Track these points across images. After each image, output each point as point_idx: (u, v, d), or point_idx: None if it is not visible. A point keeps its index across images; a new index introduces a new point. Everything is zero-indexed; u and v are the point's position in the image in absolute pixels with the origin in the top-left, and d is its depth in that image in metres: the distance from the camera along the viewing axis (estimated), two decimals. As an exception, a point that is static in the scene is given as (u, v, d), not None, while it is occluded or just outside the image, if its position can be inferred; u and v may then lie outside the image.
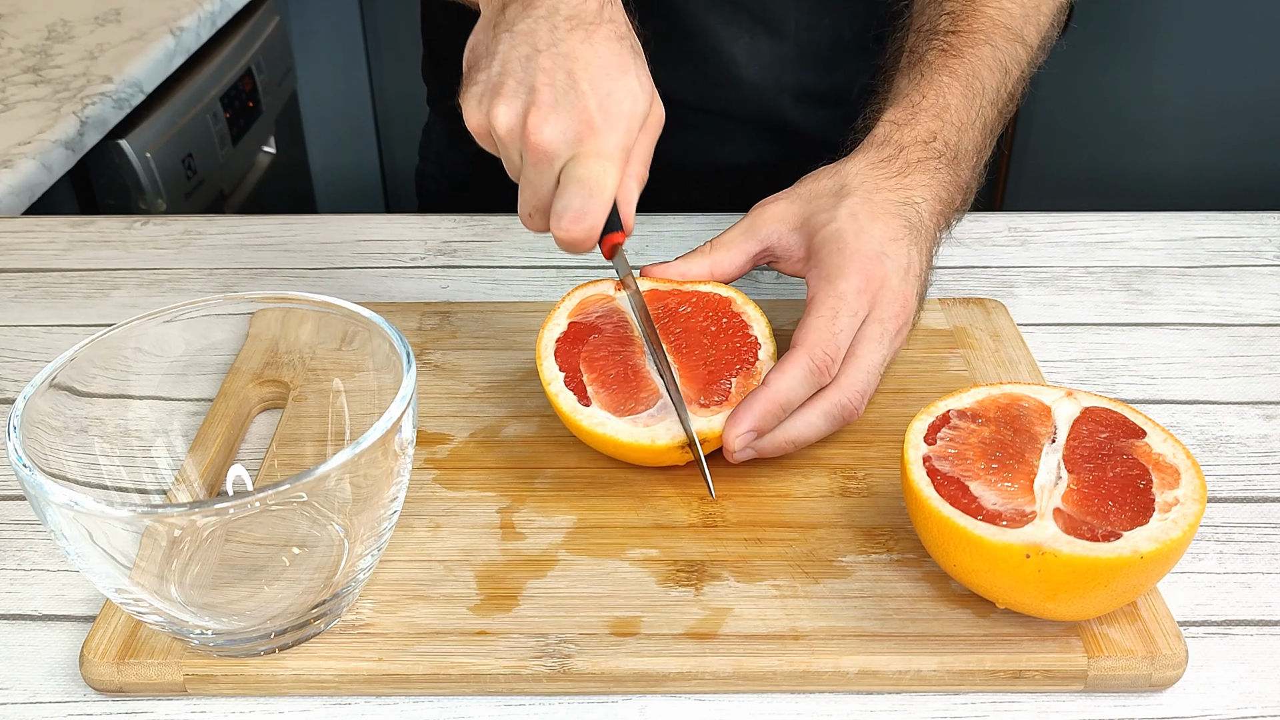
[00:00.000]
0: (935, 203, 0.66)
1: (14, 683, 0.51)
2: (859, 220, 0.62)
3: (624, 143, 0.57)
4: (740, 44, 0.87)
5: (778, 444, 0.59)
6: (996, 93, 0.73)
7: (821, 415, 0.59)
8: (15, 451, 0.46)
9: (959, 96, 0.70)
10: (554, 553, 0.56)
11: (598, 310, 0.63)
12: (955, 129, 0.69)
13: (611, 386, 0.59)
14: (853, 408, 0.60)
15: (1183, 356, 0.72)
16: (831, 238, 0.62)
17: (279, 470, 0.61)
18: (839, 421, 0.60)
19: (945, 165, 0.67)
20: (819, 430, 0.59)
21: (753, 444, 0.58)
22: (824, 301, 0.60)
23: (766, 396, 0.57)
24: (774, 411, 0.58)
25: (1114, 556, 0.46)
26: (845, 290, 0.60)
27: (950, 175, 0.67)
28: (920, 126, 0.68)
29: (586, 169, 0.56)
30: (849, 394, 0.59)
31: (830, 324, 0.59)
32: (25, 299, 0.80)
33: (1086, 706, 0.50)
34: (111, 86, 1.21)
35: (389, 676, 0.50)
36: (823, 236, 0.62)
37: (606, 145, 0.56)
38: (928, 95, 0.69)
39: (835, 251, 0.61)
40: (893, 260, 0.62)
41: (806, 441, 0.60)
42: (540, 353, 0.61)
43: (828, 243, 0.62)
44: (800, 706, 0.50)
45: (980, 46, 0.73)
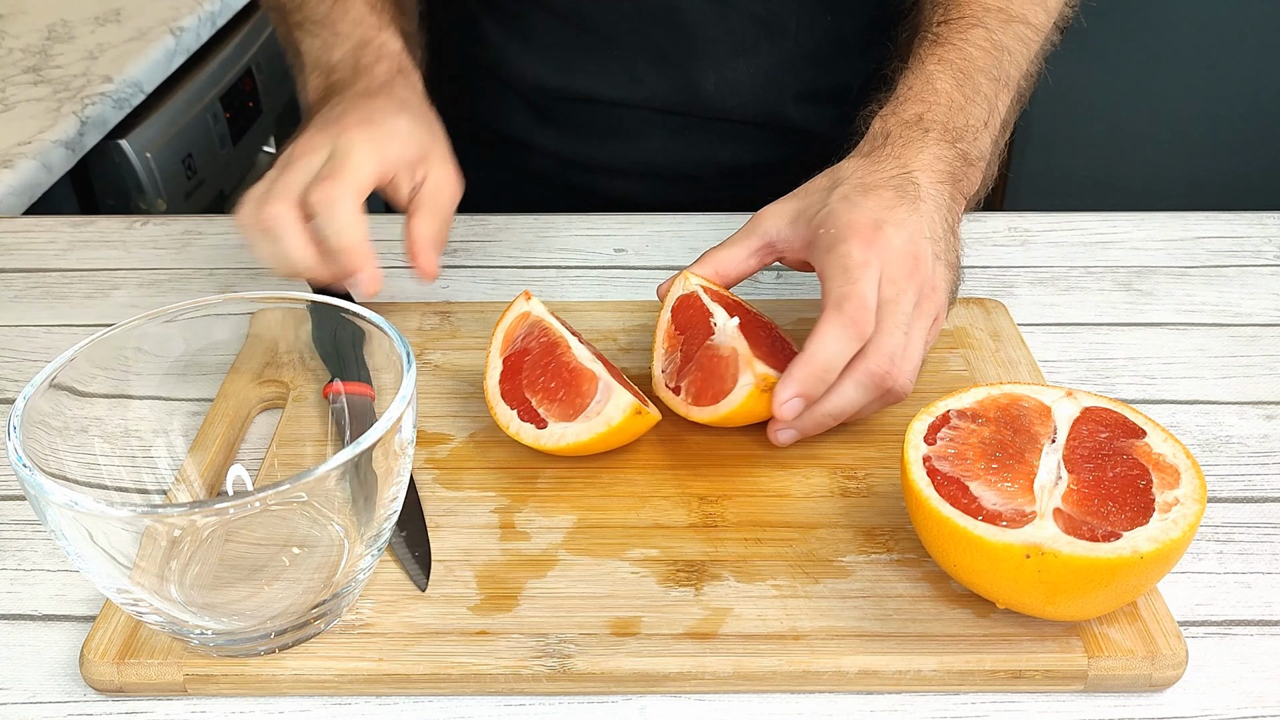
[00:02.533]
0: (933, 173, 0.65)
1: (14, 683, 0.51)
2: (850, 199, 0.62)
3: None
4: (741, 42, 0.87)
5: (816, 420, 0.59)
6: (995, 70, 0.72)
7: (854, 385, 0.59)
8: (15, 451, 0.46)
9: (948, 80, 0.70)
10: (554, 553, 0.56)
11: (521, 332, 0.63)
12: (945, 108, 0.69)
13: (557, 397, 0.60)
14: (885, 374, 0.59)
15: (1183, 356, 0.72)
16: (825, 218, 0.62)
17: (279, 470, 0.61)
18: (876, 390, 0.59)
19: (937, 140, 0.67)
20: (854, 400, 0.59)
21: (793, 424, 0.59)
22: (831, 263, 0.60)
23: (804, 362, 0.57)
24: (816, 375, 0.57)
25: (1114, 556, 0.46)
26: (849, 250, 0.59)
27: (948, 150, 0.67)
28: (905, 111, 0.68)
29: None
30: (878, 360, 0.58)
31: (845, 277, 0.58)
32: (25, 299, 0.80)
33: (1086, 706, 0.50)
34: (111, 86, 1.21)
35: (389, 676, 0.50)
36: (818, 220, 0.63)
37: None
38: (914, 85, 0.70)
39: (830, 227, 0.61)
40: (892, 226, 0.61)
41: (846, 414, 0.60)
42: (490, 402, 0.62)
43: (823, 223, 0.62)
44: (800, 706, 0.50)
45: (970, 30, 0.73)
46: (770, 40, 0.87)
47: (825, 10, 0.87)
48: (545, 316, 0.63)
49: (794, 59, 0.88)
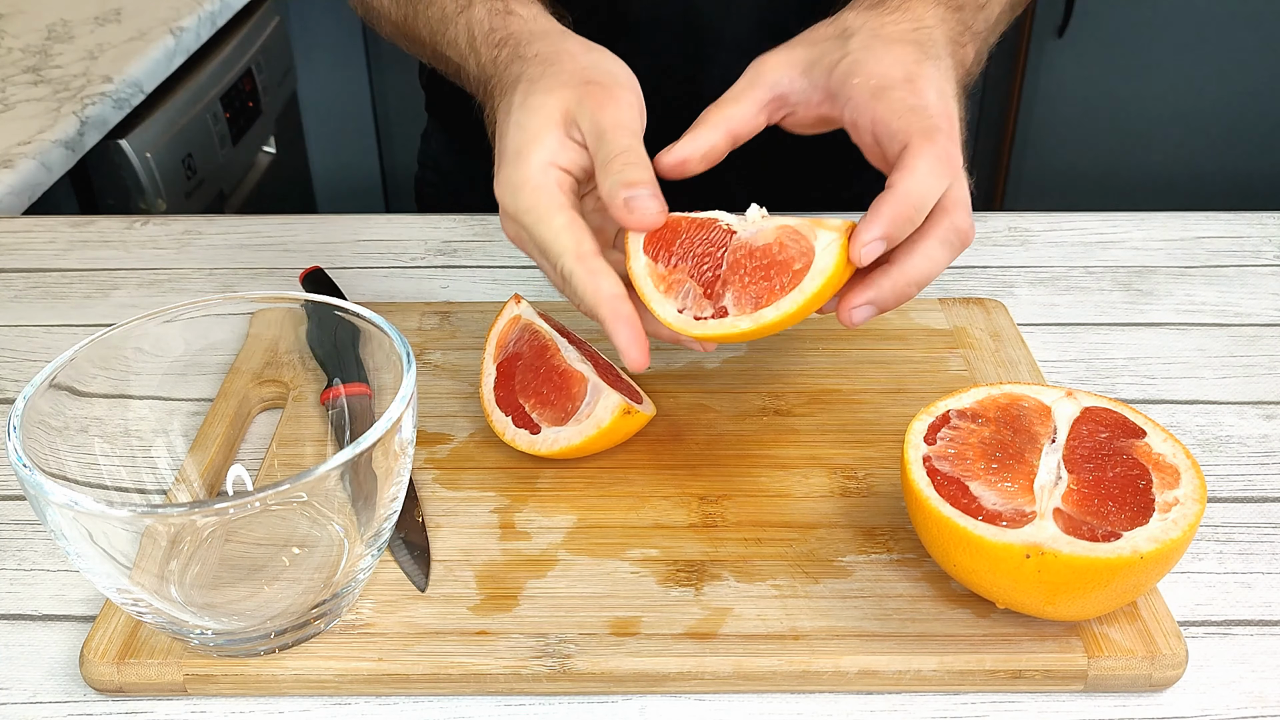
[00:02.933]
0: (943, 35, 0.61)
1: (14, 683, 0.51)
2: (873, 50, 0.57)
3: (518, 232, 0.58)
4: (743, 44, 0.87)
5: (899, 289, 0.54)
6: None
7: (941, 244, 0.54)
8: (15, 451, 0.46)
9: None
10: (554, 553, 0.56)
11: (514, 337, 0.63)
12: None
13: (549, 402, 0.60)
14: (967, 229, 0.54)
15: (1183, 356, 0.72)
16: (852, 66, 0.56)
17: (279, 470, 0.61)
18: (958, 249, 0.55)
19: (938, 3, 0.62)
20: (941, 263, 0.54)
21: (874, 299, 0.54)
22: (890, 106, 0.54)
23: (896, 199, 0.52)
24: (907, 215, 0.52)
25: (1114, 556, 0.46)
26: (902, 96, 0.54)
27: (952, 14, 0.62)
28: None
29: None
30: (964, 215, 0.54)
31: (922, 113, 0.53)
32: (25, 299, 0.80)
33: (1086, 706, 0.50)
34: (111, 86, 1.21)
35: (389, 676, 0.50)
36: (842, 69, 0.57)
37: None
38: None
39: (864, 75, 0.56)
40: (924, 80, 0.56)
41: (929, 280, 0.55)
42: (486, 410, 0.62)
43: (852, 72, 0.56)
44: (800, 706, 0.50)
45: None
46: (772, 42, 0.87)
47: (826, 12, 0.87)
48: (535, 320, 0.63)
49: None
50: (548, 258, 0.56)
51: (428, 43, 0.71)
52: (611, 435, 0.59)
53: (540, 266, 0.58)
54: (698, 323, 0.54)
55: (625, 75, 0.59)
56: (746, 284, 0.54)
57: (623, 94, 0.57)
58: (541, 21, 0.63)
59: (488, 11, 0.64)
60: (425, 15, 0.69)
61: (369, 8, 0.78)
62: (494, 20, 0.64)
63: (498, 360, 0.63)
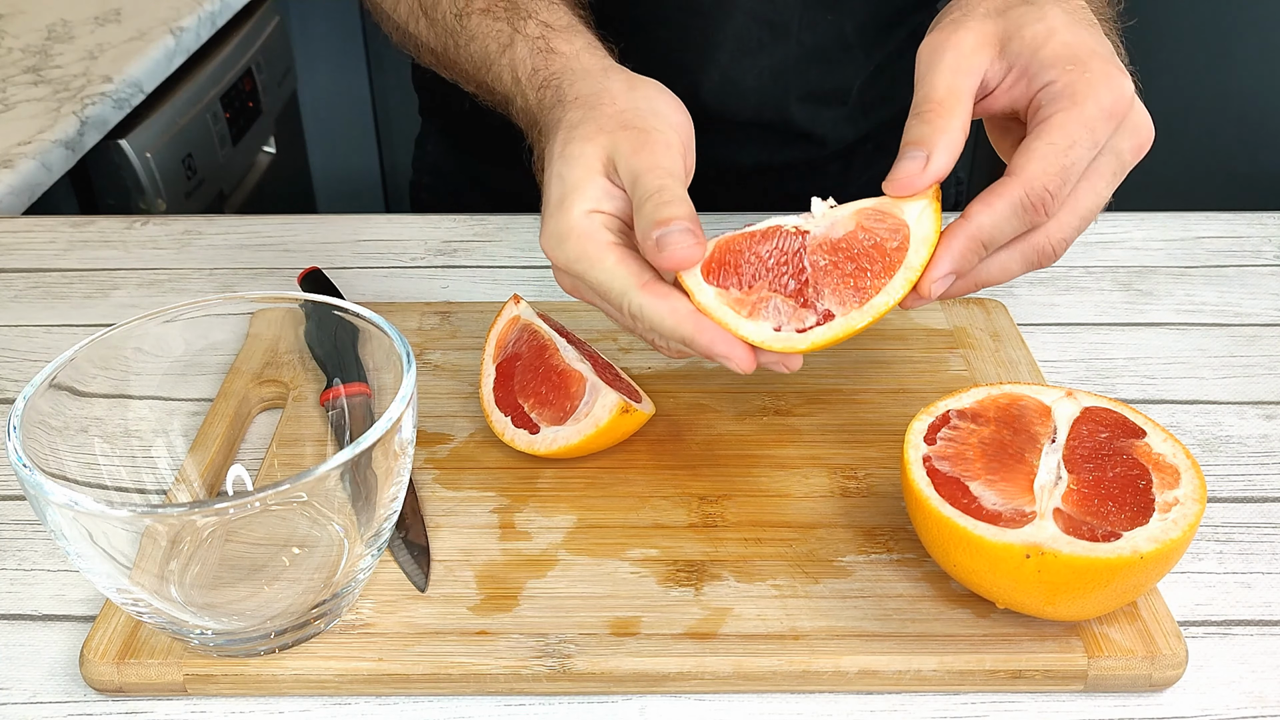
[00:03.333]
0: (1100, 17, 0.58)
1: (14, 683, 0.51)
2: (1076, 29, 0.53)
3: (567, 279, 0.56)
4: (744, 44, 0.87)
5: (964, 287, 0.54)
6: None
7: (1021, 260, 0.54)
8: (15, 451, 0.46)
9: None
10: (554, 553, 0.56)
11: (513, 337, 0.63)
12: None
13: (548, 402, 0.60)
14: (1055, 254, 0.54)
15: (1183, 356, 0.72)
16: (1064, 49, 0.52)
17: (279, 470, 0.61)
18: (1036, 266, 0.54)
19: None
20: (1014, 275, 0.54)
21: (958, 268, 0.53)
22: (1063, 126, 0.51)
23: (968, 234, 0.52)
24: (975, 251, 0.52)
25: (1114, 556, 0.46)
26: (1093, 114, 0.51)
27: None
28: None
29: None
30: (1055, 239, 0.53)
31: (1064, 155, 0.51)
32: (25, 299, 0.80)
33: (1086, 706, 0.50)
34: (111, 86, 1.21)
35: (389, 676, 0.50)
36: (1053, 48, 0.52)
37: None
38: None
39: (1074, 64, 0.52)
40: (1129, 79, 0.53)
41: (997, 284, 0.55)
42: (485, 410, 0.62)
43: (1060, 55, 0.52)
44: (800, 706, 0.50)
45: None
46: (773, 40, 0.87)
47: (826, 10, 0.87)
48: (534, 320, 0.63)
49: (796, 59, 0.88)
50: (609, 299, 0.53)
51: (472, 76, 0.69)
52: (610, 434, 0.59)
53: (605, 311, 0.56)
54: (802, 335, 0.52)
55: (668, 113, 0.57)
56: (844, 278, 0.52)
57: (660, 137, 0.54)
58: (584, 59, 0.61)
59: (530, 50, 0.63)
60: (467, 51, 0.68)
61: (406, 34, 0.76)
62: (536, 60, 0.62)
63: (497, 360, 0.63)
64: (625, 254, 0.53)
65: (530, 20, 0.64)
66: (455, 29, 0.68)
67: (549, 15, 0.64)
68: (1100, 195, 0.54)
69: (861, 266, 0.52)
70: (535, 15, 0.64)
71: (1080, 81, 0.52)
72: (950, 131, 0.52)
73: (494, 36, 0.65)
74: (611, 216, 0.54)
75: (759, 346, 0.52)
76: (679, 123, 0.57)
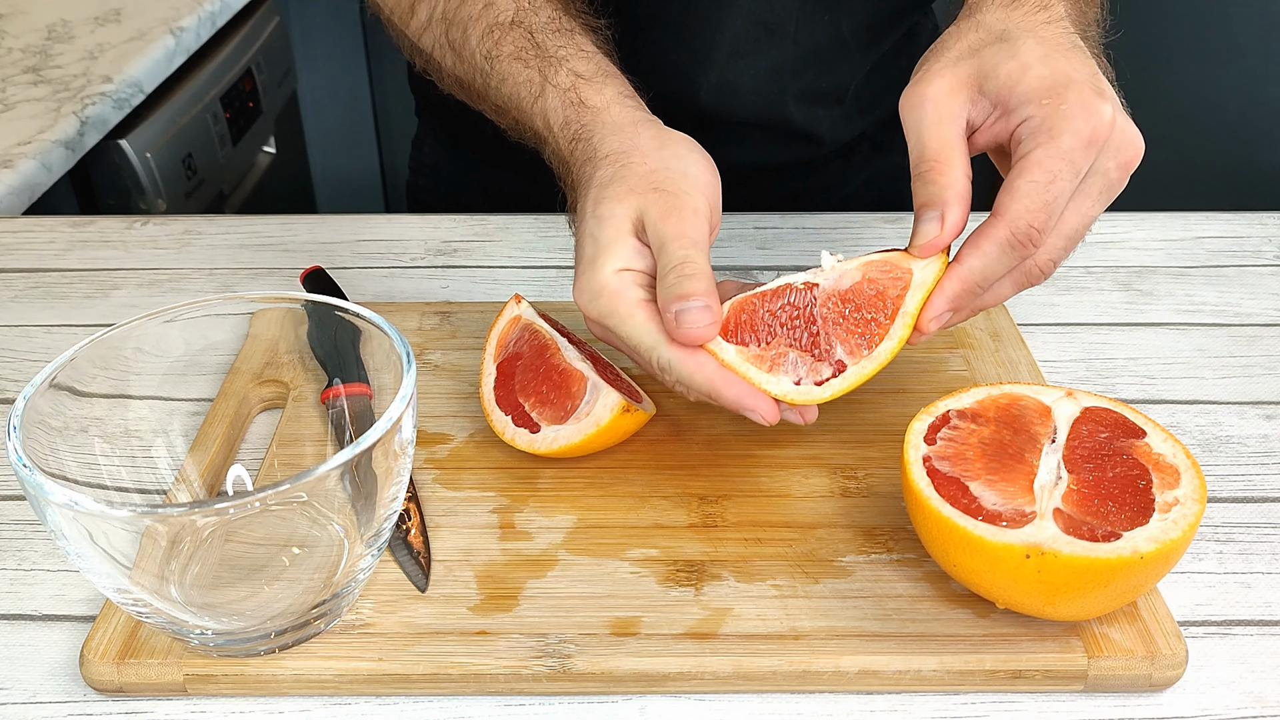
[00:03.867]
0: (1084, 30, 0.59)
1: (14, 683, 0.51)
2: (1051, 60, 0.54)
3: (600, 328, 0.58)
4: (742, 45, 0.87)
5: (960, 318, 0.57)
6: None
7: (1011, 284, 0.56)
8: (15, 451, 0.46)
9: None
10: (554, 553, 0.56)
11: (514, 337, 0.64)
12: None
13: (549, 400, 0.60)
14: (1044, 275, 0.56)
15: (1183, 356, 0.72)
16: (1039, 83, 0.53)
17: (279, 470, 0.61)
18: (1027, 287, 0.57)
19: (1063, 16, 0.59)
20: (1006, 297, 0.57)
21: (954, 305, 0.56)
22: (1042, 163, 0.52)
23: (961, 278, 0.54)
24: (970, 292, 0.55)
25: (1114, 557, 0.46)
26: (1071, 146, 0.52)
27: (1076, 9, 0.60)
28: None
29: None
30: (1044, 261, 0.55)
31: (1045, 190, 0.52)
32: (25, 299, 0.80)
33: (1086, 706, 0.50)
34: (111, 86, 1.21)
35: (389, 676, 0.50)
36: (1029, 83, 0.53)
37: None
38: None
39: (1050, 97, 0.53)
40: (1109, 96, 0.54)
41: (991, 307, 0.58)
42: (486, 409, 0.62)
43: (1036, 90, 0.53)
44: (800, 706, 0.50)
45: None
46: (770, 41, 0.87)
47: (824, 10, 0.87)
48: (535, 319, 0.63)
49: (794, 59, 0.88)
50: (639, 353, 0.56)
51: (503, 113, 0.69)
52: (611, 433, 0.59)
53: (634, 360, 0.58)
54: (821, 387, 0.54)
55: (697, 174, 0.58)
56: (851, 329, 0.54)
57: (688, 201, 0.56)
58: (615, 112, 0.61)
59: (562, 102, 0.63)
60: (498, 92, 0.68)
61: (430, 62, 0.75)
62: (568, 112, 0.62)
63: (498, 360, 0.63)
64: (654, 311, 0.55)
65: (561, 69, 0.64)
66: (486, 70, 0.68)
67: (579, 64, 0.64)
68: (1087, 215, 0.55)
69: (865, 316, 0.54)
70: (565, 63, 0.64)
71: (1056, 115, 0.53)
72: (955, 185, 0.54)
73: (525, 84, 0.65)
74: (641, 274, 0.57)
75: (781, 400, 0.55)
76: (707, 184, 0.58)
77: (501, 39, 0.67)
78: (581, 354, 0.62)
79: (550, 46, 0.65)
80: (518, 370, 0.62)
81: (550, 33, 0.66)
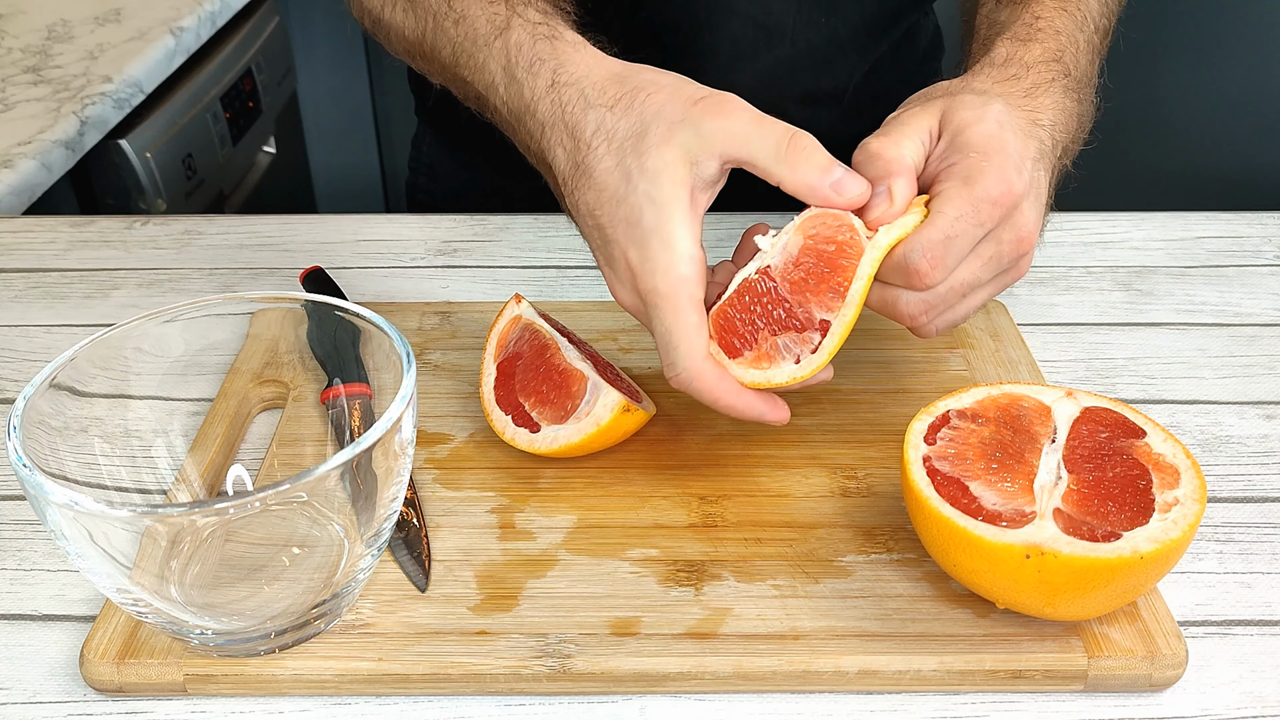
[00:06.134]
0: (1057, 131, 0.61)
1: (14, 683, 0.51)
2: (1006, 130, 0.56)
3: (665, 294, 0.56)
4: (740, 48, 0.87)
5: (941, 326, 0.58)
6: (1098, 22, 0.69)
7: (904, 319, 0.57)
8: (15, 451, 0.46)
9: (1069, 21, 0.66)
10: (554, 553, 0.56)
11: (514, 337, 0.63)
12: (1072, 51, 0.64)
13: (549, 400, 0.60)
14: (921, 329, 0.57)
15: (1183, 356, 0.72)
16: (981, 138, 0.56)
17: (279, 470, 0.61)
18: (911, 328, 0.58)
19: (1067, 90, 0.62)
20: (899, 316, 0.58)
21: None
22: (952, 201, 0.54)
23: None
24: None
25: (1114, 557, 0.46)
26: (980, 197, 0.54)
27: (1072, 103, 0.62)
28: (1041, 45, 0.63)
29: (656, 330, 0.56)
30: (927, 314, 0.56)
31: (950, 225, 0.54)
32: (25, 299, 0.80)
33: (1086, 706, 0.50)
34: (111, 86, 1.21)
35: (389, 676, 0.50)
36: (973, 134, 0.56)
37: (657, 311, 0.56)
38: (1041, 17, 0.65)
39: (981, 152, 0.55)
40: (1032, 183, 0.56)
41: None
42: (486, 409, 0.62)
43: (974, 143, 0.56)
44: (800, 706, 0.50)
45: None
46: (768, 44, 0.87)
47: (821, 12, 0.87)
48: (535, 319, 0.63)
49: (792, 62, 0.89)
50: (668, 346, 0.55)
51: (448, 64, 0.66)
52: (611, 433, 0.59)
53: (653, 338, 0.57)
54: (816, 354, 0.54)
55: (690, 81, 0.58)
56: (819, 287, 0.54)
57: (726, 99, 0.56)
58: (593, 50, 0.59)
59: (531, 36, 0.60)
60: (449, 34, 0.65)
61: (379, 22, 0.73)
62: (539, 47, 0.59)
63: (498, 359, 0.63)
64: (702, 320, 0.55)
65: (531, 6, 0.62)
66: (442, 9, 0.65)
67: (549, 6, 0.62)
68: (975, 275, 0.56)
69: (824, 269, 0.54)
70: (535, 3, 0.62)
71: (977, 169, 0.55)
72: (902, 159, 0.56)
73: (487, 19, 0.62)
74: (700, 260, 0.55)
75: (792, 384, 0.55)
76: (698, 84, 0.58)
77: None
78: (581, 354, 0.62)
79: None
80: (518, 370, 0.62)
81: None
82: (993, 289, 0.58)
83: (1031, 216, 0.56)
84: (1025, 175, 0.56)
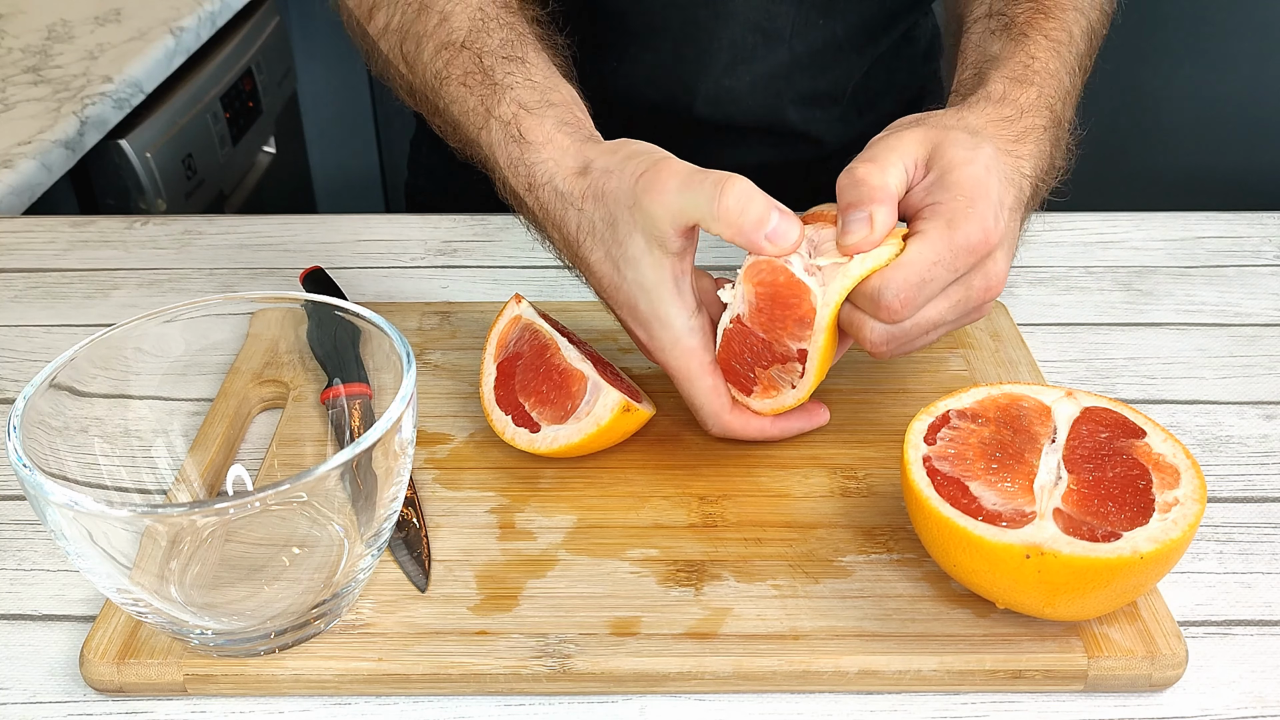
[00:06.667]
0: (1036, 179, 0.62)
1: (14, 683, 0.51)
2: (992, 175, 0.57)
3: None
4: (739, 51, 0.87)
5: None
6: (1081, 59, 0.69)
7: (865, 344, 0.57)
8: (15, 451, 0.46)
9: (1059, 62, 0.66)
10: (554, 553, 0.56)
11: (514, 337, 0.63)
12: (1060, 98, 0.65)
13: (549, 400, 0.60)
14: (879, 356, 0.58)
15: (1183, 356, 0.72)
16: (969, 182, 0.56)
17: (279, 470, 0.61)
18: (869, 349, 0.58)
19: (1049, 138, 0.63)
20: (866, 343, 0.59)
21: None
22: (932, 245, 0.55)
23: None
24: None
25: (1114, 557, 0.46)
26: (960, 243, 0.55)
27: (1051, 149, 0.63)
28: (1037, 89, 0.64)
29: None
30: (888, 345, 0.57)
31: (925, 271, 0.55)
32: (25, 299, 0.80)
33: (1086, 706, 0.50)
34: (111, 86, 1.21)
35: (389, 676, 0.50)
36: (961, 176, 0.56)
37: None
38: (1036, 58, 0.65)
39: (967, 197, 0.56)
40: (1007, 232, 0.57)
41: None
42: (486, 409, 0.62)
43: (962, 185, 0.56)
44: (800, 706, 0.50)
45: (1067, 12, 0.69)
46: (767, 48, 0.87)
47: (819, 14, 0.87)
48: (535, 319, 0.63)
49: (790, 64, 0.89)
50: (694, 409, 0.60)
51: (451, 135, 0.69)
52: (611, 433, 0.59)
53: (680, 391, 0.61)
54: (804, 378, 0.58)
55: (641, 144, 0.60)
56: (781, 321, 0.57)
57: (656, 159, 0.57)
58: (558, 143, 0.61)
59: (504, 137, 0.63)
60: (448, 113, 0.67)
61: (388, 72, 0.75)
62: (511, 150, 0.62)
63: (498, 359, 0.63)
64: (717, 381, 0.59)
65: (505, 99, 0.63)
66: (436, 88, 0.67)
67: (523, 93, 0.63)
68: (941, 315, 0.57)
69: (779, 308, 0.57)
70: (510, 91, 0.63)
71: (960, 213, 0.55)
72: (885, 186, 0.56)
73: (471, 113, 0.65)
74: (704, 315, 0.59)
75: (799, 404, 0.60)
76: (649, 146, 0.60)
77: (451, 60, 0.66)
78: (581, 354, 0.62)
79: (498, 73, 0.64)
80: (518, 370, 0.62)
81: (499, 58, 0.65)
82: (953, 327, 0.59)
83: (1003, 265, 0.57)
84: (1002, 225, 0.57)
